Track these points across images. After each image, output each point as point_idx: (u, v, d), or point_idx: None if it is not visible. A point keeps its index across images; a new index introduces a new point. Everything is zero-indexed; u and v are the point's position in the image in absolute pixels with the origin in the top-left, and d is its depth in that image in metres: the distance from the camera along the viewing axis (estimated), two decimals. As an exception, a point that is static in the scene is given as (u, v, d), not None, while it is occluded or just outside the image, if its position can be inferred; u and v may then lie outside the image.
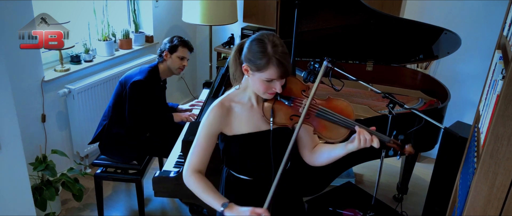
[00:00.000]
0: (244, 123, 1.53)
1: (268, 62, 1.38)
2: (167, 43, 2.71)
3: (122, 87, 2.66)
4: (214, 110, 1.52)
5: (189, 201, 2.40)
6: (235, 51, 1.49)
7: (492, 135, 1.20)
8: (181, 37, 2.74)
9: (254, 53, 1.40)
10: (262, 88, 1.45)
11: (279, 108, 1.51)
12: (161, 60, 2.73)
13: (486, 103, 1.50)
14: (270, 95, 1.49)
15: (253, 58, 1.41)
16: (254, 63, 1.40)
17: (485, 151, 1.23)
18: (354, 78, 2.28)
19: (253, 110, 1.54)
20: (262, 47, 1.40)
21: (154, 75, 2.70)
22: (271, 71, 1.39)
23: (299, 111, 1.49)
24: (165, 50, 2.70)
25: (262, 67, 1.39)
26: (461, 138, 2.19)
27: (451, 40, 2.70)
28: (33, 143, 2.84)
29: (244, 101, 1.55)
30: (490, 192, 1.26)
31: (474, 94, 3.21)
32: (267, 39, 1.41)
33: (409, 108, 2.19)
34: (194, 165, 1.55)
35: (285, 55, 1.40)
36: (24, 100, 2.80)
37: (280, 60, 1.38)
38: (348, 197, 2.90)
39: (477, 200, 1.29)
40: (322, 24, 2.75)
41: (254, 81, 1.46)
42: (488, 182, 1.25)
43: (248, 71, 1.45)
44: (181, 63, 2.74)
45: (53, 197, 2.69)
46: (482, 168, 1.25)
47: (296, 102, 1.51)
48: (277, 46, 1.40)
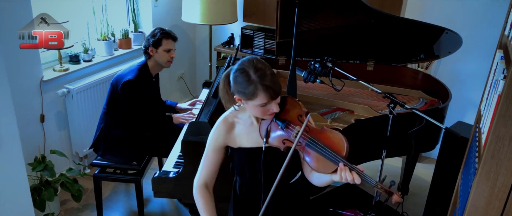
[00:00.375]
0: (245, 137, 1.60)
1: (256, 89, 1.42)
2: (149, 38, 2.65)
3: (114, 88, 2.64)
4: (219, 126, 1.61)
5: (188, 201, 2.39)
6: (224, 83, 1.55)
7: (494, 135, 1.20)
8: (162, 29, 2.67)
9: (240, 84, 1.44)
10: (259, 112, 1.50)
11: (274, 129, 1.55)
12: (147, 57, 2.69)
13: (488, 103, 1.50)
14: (269, 116, 1.53)
15: (241, 89, 1.45)
16: (244, 93, 1.45)
17: (486, 152, 1.23)
18: (354, 78, 2.29)
19: (253, 127, 1.60)
20: (245, 76, 1.43)
21: (144, 72, 2.67)
22: (261, 97, 1.43)
23: (291, 136, 1.51)
24: (150, 46, 2.64)
25: (252, 95, 1.43)
26: (462, 138, 2.19)
27: (452, 39, 2.68)
28: (32, 143, 2.83)
29: (245, 118, 1.61)
30: (491, 192, 1.26)
31: (475, 94, 3.20)
32: (248, 66, 1.44)
33: (410, 108, 2.19)
34: (203, 177, 1.65)
35: (270, 77, 1.43)
36: (23, 100, 2.79)
37: (266, 85, 1.41)
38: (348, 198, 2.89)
39: (478, 200, 1.29)
40: (323, 24, 2.75)
41: (250, 108, 1.51)
42: (490, 183, 1.25)
43: (241, 100, 1.49)
44: (168, 55, 2.69)
45: (52, 198, 2.69)
46: (483, 168, 1.25)
47: (289, 127, 1.52)
48: (260, 70, 1.43)
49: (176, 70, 4.16)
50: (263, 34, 3.75)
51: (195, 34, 4.33)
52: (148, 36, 2.67)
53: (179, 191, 2.21)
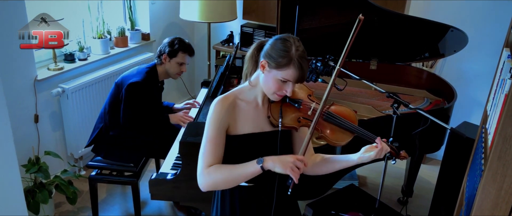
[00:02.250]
0: (248, 122, 1.52)
1: (290, 62, 1.40)
2: (167, 46, 2.62)
3: (118, 89, 2.60)
4: (220, 104, 1.50)
5: (187, 204, 2.36)
6: (255, 48, 1.52)
7: (500, 136, 1.19)
8: (183, 40, 2.65)
9: (277, 50, 1.41)
10: (274, 87, 1.44)
11: (287, 110, 1.54)
12: (159, 62, 2.65)
13: (494, 102, 1.50)
14: (278, 97, 1.49)
15: (275, 55, 1.41)
16: (275, 60, 1.41)
17: (493, 153, 1.21)
18: (357, 77, 2.29)
19: (258, 110, 1.54)
20: (286, 46, 1.41)
21: (152, 76, 2.63)
22: (289, 72, 1.41)
23: (308, 113, 1.53)
24: (165, 54, 2.61)
25: (283, 65, 1.40)
26: (468, 139, 2.17)
27: (458, 37, 2.67)
28: (25, 144, 2.81)
29: (249, 99, 1.53)
30: (498, 194, 1.24)
31: (482, 94, 3.18)
32: (292, 40, 1.43)
33: (414, 108, 2.18)
34: (209, 162, 1.48)
35: (307, 62, 1.43)
36: (16, 100, 2.76)
37: (301, 64, 1.41)
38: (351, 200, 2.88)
39: (485, 203, 1.27)
40: (324, 21, 2.73)
41: (268, 79, 1.45)
42: (496, 185, 1.23)
43: (265, 67, 1.44)
44: (179, 68, 2.67)
45: (46, 200, 2.65)
46: (489, 170, 1.23)
47: (304, 105, 1.55)
48: (302, 50, 1.43)
49: (175, 69, 4.12)
50: (264, 32, 3.73)
51: (193, 32, 4.31)
52: (166, 42, 2.64)
53: (177, 193, 2.19)
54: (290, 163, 1.40)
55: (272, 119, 1.51)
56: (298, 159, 1.42)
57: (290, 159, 1.41)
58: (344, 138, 1.55)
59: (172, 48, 2.60)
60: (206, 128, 1.50)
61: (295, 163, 1.40)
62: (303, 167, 1.41)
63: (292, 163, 1.40)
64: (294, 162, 1.41)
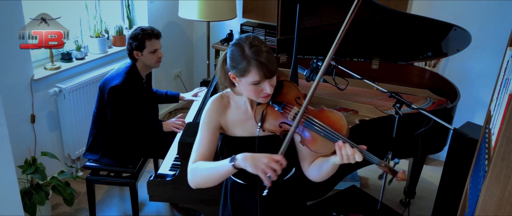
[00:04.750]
0: (238, 125, 1.53)
1: (248, 64, 1.37)
2: (131, 41, 2.49)
3: (102, 93, 2.54)
4: (213, 102, 1.54)
5: (186, 205, 2.34)
6: (222, 61, 1.49)
7: (504, 137, 1.17)
8: (143, 28, 2.50)
9: (234, 58, 1.40)
10: (252, 92, 1.43)
11: (270, 114, 1.50)
12: (133, 60, 2.55)
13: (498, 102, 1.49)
14: (264, 99, 1.46)
15: (235, 64, 1.40)
16: (237, 69, 1.40)
17: (496, 153, 1.20)
18: (359, 77, 2.29)
19: (247, 115, 1.54)
20: (240, 50, 1.39)
21: (133, 75, 2.54)
22: (253, 73, 1.38)
23: (288, 118, 1.47)
24: (134, 50, 2.49)
25: (244, 71, 1.38)
26: (472, 139, 2.16)
27: (461, 36, 2.65)
28: (22, 145, 2.79)
29: (240, 104, 1.55)
30: (502, 196, 1.22)
31: (485, 94, 3.17)
32: (244, 42, 1.40)
33: (416, 108, 2.16)
34: (194, 161, 1.50)
35: (266, 54, 1.38)
36: (13, 100, 2.74)
37: (260, 61, 1.36)
38: (352, 202, 2.90)
39: (488, 204, 1.26)
40: (325, 20, 2.71)
41: (244, 88, 1.44)
42: (500, 186, 1.22)
43: (235, 78, 1.44)
44: (155, 56, 2.55)
45: (43, 202, 2.63)
46: (493, 171, 1.22)
47: (286, 109, 1.48)
48: (255, 46, 1.38)
49: (173, 69, 4.14)
50: (264, 31, 3.71)
51: (192, 31, 4.29)
52: (129, 38, 2.50)
53: (175, 194, 2.18)
54: (263, 164, 1.33)
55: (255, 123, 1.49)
56: (274, 159, 1.34)
57: (263, 160, 1.34)
58: (326, 147, 1.41)
59: (137, 41, 2.47)
60: (200, 126, 1.54)
61: (269, 164, 1.33)
62: (279, 168, 1.33)
63: (265, 164, 1.33)
64: (268, 163, 1.33)
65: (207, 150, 1.50)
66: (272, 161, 1.33)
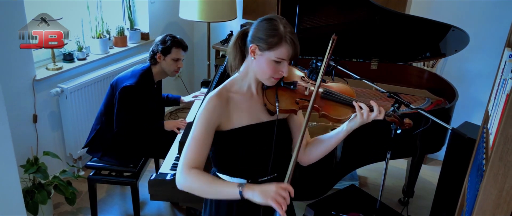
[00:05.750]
0: (245, 114, 1.45)
1: (281, 39, 1.35)
2: (159, 44, 2.56)
3: (113, 90, 2.56)
4: (213, 100, 1.42)
5: (187, 205, 2.34)
6: (238, 37, 1.45)
7: (502, 136, 1.18)
8: (174, 36, 2.59)
9: (266, 30, 1.36)
10: (269, 70, 1.38)
11: (282, 94, 1.48)
12: (153, 62, 2.59)
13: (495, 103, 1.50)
14: (274, 80, 1.43)
15: (264, 36, 1.36)
16: (266, 41, 1.35)
17: (494, 153, 1.21)
18: (358, 77, 2.26)
19: (253, 100, 1.48)
20: (274, 25, 1.36)
21: (147, 78, 2.57)
22: (283, 50, 1.35)
23: (305, 93, 1.50)
24: (158, 52, 2.55)
25: (275, 44, 1.35)
26: (469, 139, 2.15)
27: (459, 37, 2.66)
28: (24, 144, 2.79)
29: (243, 91, 1.47)
30: (499, 195, 1.24)
31: (483, 94, 3.14)
32: (278, 19, 1.38)
33: (415, 108, 2.14)
34: (191, 161, 1.40)
35: (296, 37, 1.38)
36: (15, 100, 2.74)
37: (293, 39, 1.36)
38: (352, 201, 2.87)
39: (486, 204, 1.27)
40: (325, 21, 2.71)
41: (261, 63, 1.39)
42: (497, 185, 1.23)
43: (255, 52, 1.39)
44: (176, 65, 2.61)
45: (45, 201, 2.64)
46: (491, 170, 1.23)
47: (300, 86, 1.51)
48: (290, 27, 1.38)
49: (174, 69, 4.11)
50: (263, 31, 3.69)
51: (193, 31, 4.29)
52: (157, 41, 2.58)
53: (176, 194, 2.13)
54: (273, 192, 1.28)
55: (269, 106, 1.45)
56: (282, 187, 1.29)
57: (272, 188, 1.29)
58: (346, 112, 1.49)
59: (165, 46, 2.53)
60: (194, 125, 1.42)
61: (278, 192, 1.28)
62: (288, 196, 1.28)
63: (275, 193, 1.28)
64: (277, 191, 1.28)
65: (203, 153, 1.41)
66: (280, 189, 1.29)
